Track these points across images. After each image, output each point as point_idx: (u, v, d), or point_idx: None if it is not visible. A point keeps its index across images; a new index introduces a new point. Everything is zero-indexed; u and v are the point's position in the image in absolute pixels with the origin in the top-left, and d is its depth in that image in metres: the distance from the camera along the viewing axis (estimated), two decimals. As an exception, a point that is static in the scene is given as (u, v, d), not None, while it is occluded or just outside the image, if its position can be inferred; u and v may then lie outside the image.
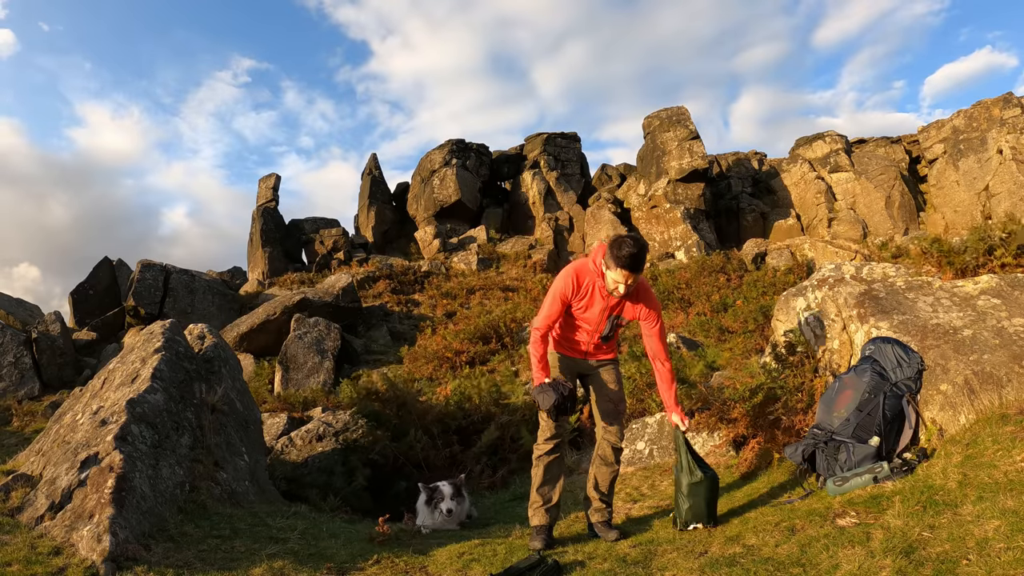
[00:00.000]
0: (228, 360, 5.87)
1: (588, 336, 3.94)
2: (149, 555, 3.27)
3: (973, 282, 5.09)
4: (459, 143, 26.17)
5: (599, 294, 3.79)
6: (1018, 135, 18.12)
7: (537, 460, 3.98)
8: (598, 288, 3.78)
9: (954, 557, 2.53)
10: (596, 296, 3.80)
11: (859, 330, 4.95)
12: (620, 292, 3.68)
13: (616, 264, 3.58)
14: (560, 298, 3.80)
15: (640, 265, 3.59)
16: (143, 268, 15.60)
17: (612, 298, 3.78)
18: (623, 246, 3.55)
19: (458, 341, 12.08)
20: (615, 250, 3.57)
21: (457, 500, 4.87)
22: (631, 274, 3.59)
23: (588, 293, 3.81)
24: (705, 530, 3.71)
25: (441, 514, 4.79)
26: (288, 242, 23.52)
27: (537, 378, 3.77)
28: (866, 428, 4.01)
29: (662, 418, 6.22)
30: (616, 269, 3.59)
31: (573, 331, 3.96)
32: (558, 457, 3.98)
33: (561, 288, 3.81)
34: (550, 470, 3.96)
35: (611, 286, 3.69)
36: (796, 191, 22.02)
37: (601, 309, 3.83)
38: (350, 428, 7.14)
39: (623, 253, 3.54)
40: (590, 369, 4.07)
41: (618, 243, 3.58)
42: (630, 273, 3.58)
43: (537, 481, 3.98)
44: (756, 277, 14.47)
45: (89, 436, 4.10)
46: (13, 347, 11.34)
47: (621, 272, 3.58)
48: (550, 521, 3.90)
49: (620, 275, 3.60)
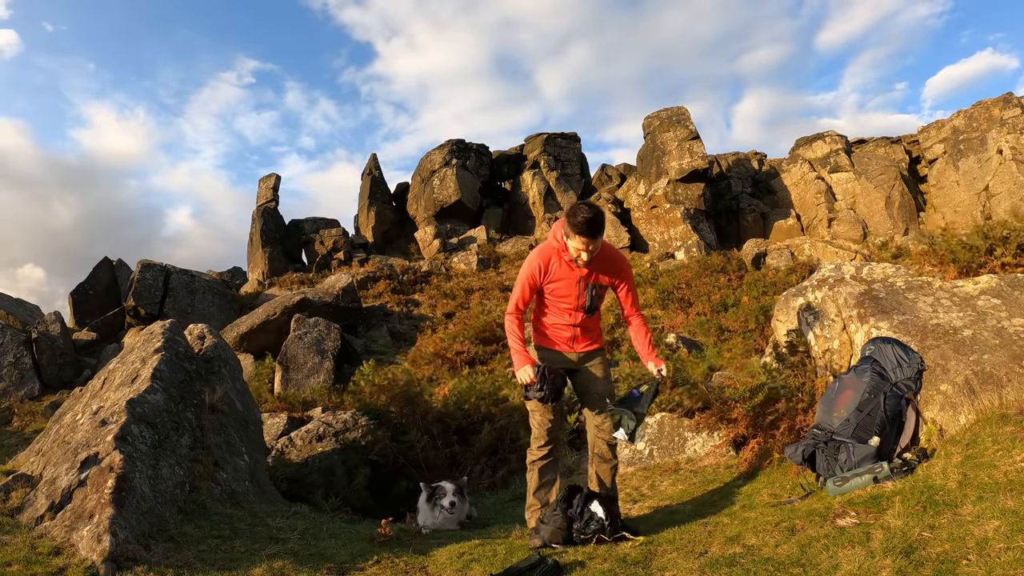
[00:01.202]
0: (228, 360, 5.87)
1: (571, 316, 3.89)
2: (149, 555, 3.27)
3: (973, 282, 5.09)
4: (459, 143, 26.16)
5: (566, 267, 3.79)
6: (1018, 135, 18.12)
7: (531, 465, 3.98)
8: (564, 262, 3.77)
9: (954, 557, 2.53)
10: (564, 270, 3.79)
11: (859, 330, 4.95)
12: (583, 260, 3.68)
13: (574, 231, 3.59)
14: (527, 281, 3.81)
15: (596, 229, 3.60)
16: (143, 268, 15.61)
17: (581, 269, 3.77)
18: (578, 213, 3.56)
19: (458, 342, 12.08)
20: (571, 218, 3.59)
21: (459, 497, 4.88)
22: (589, 239, 3.60)
23: (555, 270, 3.80)
24: (705, 530, 3.71)
25: (443, 510, 4.80)
26: (288, 242, 23.52)
27: (519, 360, 3.73)
28: (866, 428, 4.02)
29: (662, 418, 6.22)
30: (575, 236, 3.60)
31: (556, 315, 3.91)
32: (552, 461, 3.99)
33: (527, 272, 3.82)
34: (545, 474, 3.96)
35: (573, 255, 3.69)
36: (796, 191, 22.02)
37: (574, 282, 3.81)
38: (350, 428, 7.14)
39: (578, 219, 3.56)
40: (576, 364, 4.01)
41: (573, 211, 3.60)
42: (588, 239, 3.60)
43: (533, 486, 3.97)
44: (756, 277, 14.47)
45: (89, 436, 4.10)
46: (13, 347, 11.34)
47: (580, 239, 3.60)
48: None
49: (579, 242, 3.61)
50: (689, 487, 5.10)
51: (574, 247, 3.66)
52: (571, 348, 3.97)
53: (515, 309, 3.84)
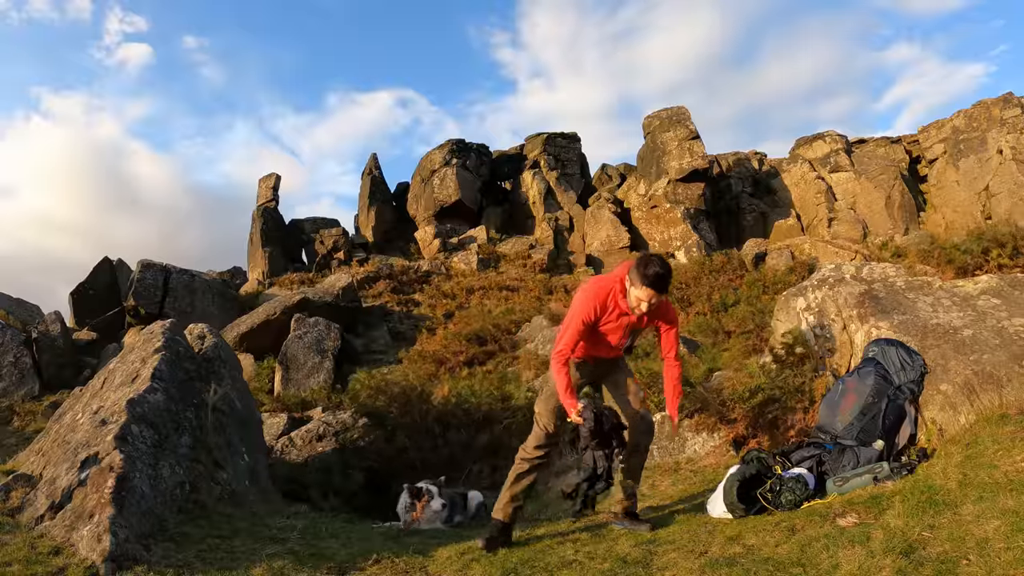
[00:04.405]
0: (228, 360, 5.87)
1: (607, 349, 3.93)
2: (149, 555, 3.27)
3: (973, 282, 5.09)
4: (459, 143, 26.14)
5: (619, 310, 3.74)
6: (1018, 135, 18.12)
7: (522, 461, 3.98)
8: (619, 305, 3.73)
9: (954, 557, 2.53)
10: (617, 313, 3.75)
11: (859, 330, 4.95)
12: (642, 310, 3.64)
13: (642, 283, 3.54)
14: (582, 321, 3.73)
15: (666, 286, 3.58)
16: (143, 268, 15.60)
17: (634, 315, 3.73)
18: (650, 265, 3.53)
19: (457, 342, 12.07)
20: (642, 268, 3.55)
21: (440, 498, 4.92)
22: (656, 294, 3.57)
23: (610, 310, 3.75)
24: (705, 530, 3.71)
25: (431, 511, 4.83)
26: (288, 242, 23.52)
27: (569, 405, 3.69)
28: (869, 432, 4.02)
29: (662, 418, 6.22)
30: (642, 287, 3.55)
31: (593, 345, 3.91)
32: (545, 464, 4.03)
33: (582, 312, 3.74)
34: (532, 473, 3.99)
35: (633, 303, 3.65)
36: (796, 191, 22.01)
37: (623, 325, 3.79)
38: (350, 428, 7.14)
39: (650, 272, 3.52)
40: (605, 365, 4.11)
41: (645, 261, 3.57)
42: (655, 293, 3.56)
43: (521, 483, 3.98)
44: (756, 277, 14.46)
45: (89, 436, 4.10)
46: (13, 347, 11.33)
47: (646, 291, 3.55)
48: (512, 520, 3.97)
49: (644, 293, 3.57)
50: (689, 487, 5.10)
51: (636, 296, 3.61)
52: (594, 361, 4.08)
53: (566, 350, 3.76)
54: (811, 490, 3.75)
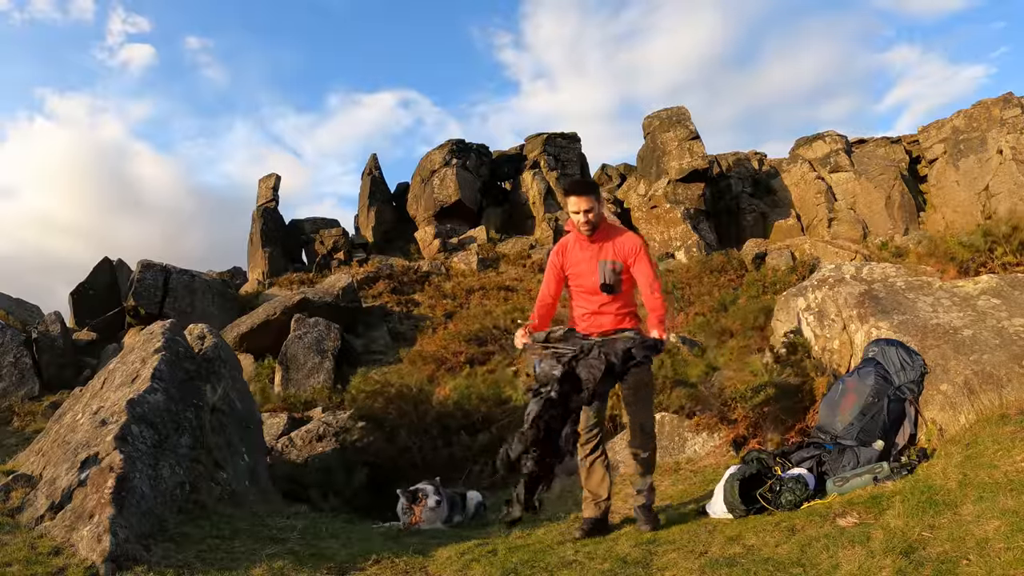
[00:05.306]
0: (228, 360, 5.87)
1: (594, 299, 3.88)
2: (149, 555, 3.27)
3: (973, 282, 5.09)
4: (459, 143, 26.13)
5: (579, 248, 3.91)
6: (1018, 135, 18.12)
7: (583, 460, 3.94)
8: (579, 244, 3.91)
9: (954, 557, 2.53)
10: (579, 253, 3.91)
11: (859, 330, 4.95)
12: (583, 221, 3.77)
13: (566, 196, 3.85)
14: (549, 268, 3.98)
15: (583, 188, 3.78)
16: (143, 268, 15.59)
17: (593, 246, 3.86)
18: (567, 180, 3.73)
19: (457, 342, 12.07)
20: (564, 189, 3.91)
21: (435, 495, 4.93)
22: (580, 197, 3.75)
23: (574, 252, 3.93)
24: (705, 530, 3.71)
25: (428, 509, 4.83)
26: (288, 242, 23.52)
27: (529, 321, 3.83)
28: (870, 432, 4.02)
29: (662, 418, 6.22)
30: (566, 200, 3.83)
31: (582, 303, 3.96)
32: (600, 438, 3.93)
33: (549, 260, 4.01)
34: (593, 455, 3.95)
35: (576, 221, 3.82)
36: (796, 191, 22.01)
37: (594, 263, 3.88)
38: (350, 428, 7.14)
39: (567, 184, 3.89)
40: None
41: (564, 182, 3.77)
42: (579, 197, 3.75)
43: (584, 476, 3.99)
44: (756, 277, 14.46)
45: (89, 436, 4.10)
46: (13, 347, 11.32)
47: (571, 199, 3.77)
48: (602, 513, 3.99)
49: (573, 203, 3.76)
50: (689, 487, 5.10)
51: (572, 212, 3.81)
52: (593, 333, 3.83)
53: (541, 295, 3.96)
54: (811, 490, 3.75)
